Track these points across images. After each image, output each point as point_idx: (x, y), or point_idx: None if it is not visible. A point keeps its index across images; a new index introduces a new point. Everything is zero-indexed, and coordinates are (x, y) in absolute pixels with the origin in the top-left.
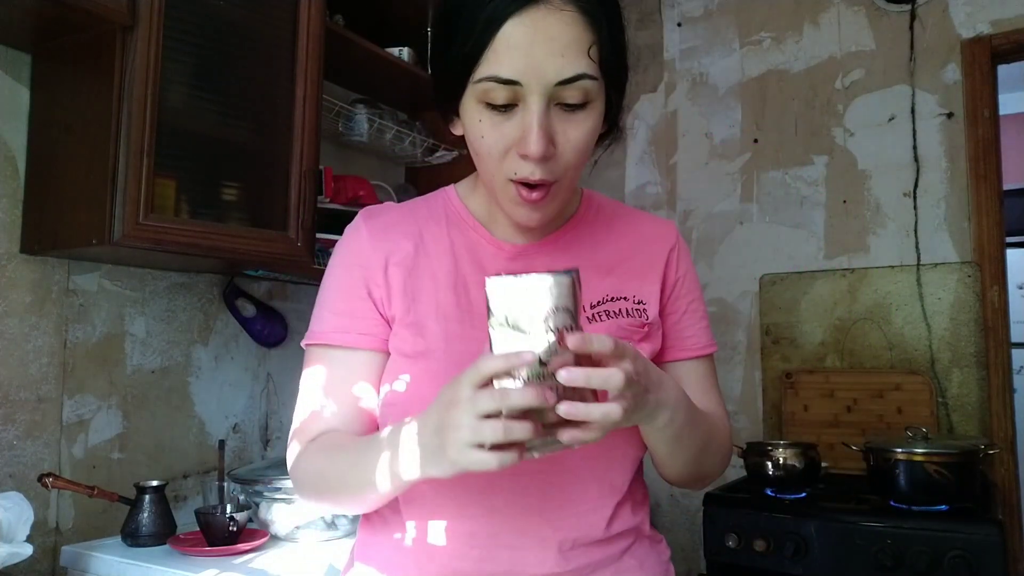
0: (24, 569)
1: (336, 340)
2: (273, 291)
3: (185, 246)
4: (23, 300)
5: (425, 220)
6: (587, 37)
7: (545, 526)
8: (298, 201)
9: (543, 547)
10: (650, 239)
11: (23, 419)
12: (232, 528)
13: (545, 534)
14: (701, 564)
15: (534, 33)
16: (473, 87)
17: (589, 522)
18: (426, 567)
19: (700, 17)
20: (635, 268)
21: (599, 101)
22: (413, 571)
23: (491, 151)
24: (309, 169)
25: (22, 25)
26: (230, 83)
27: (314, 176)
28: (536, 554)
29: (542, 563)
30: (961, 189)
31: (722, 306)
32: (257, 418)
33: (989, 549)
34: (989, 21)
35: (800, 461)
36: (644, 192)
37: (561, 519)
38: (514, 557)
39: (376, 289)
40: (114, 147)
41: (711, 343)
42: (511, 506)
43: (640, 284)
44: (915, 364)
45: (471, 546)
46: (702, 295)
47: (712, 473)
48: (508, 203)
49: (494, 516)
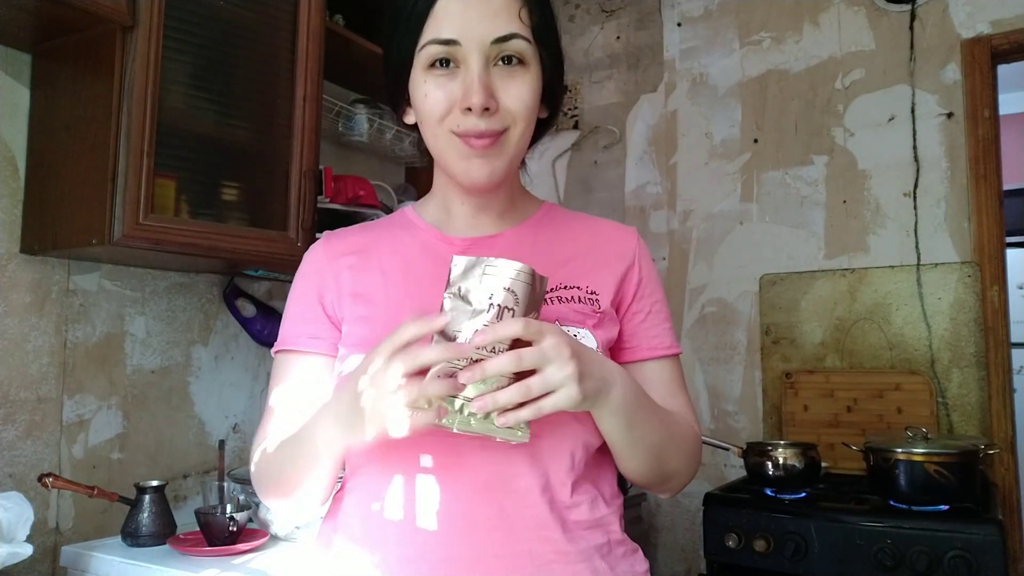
0: (24, 569)
1: (290, 345)
2: (273, 291)
3: (185, 246)
4: (23, 300)
5: (380, 232)
6: (516, 3)
7: (496, 512)
8: (298, 201)
9: (496, 529)
10: (609, 240)
11: (23, 419)
12: (232, 528)
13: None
14: (701, 564)
15: (467, 1)
16: (418, 57)
17: (537, 508)
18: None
19: (700, 17)
20: (590, 263)
21: (535, 65)
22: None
23: (434, 108)
24: (309, 169)
25: (22, 25)
26: (230, 83)
27: (314, 176)
28: (492, 535)
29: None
30: (961, 189)
31: (722, 306)
32: (257, 418)
33: (989, 549)
34: (989, 21)
35: (800, 461)
36: (644, 192)
37: (508, 503)
38: (475, 540)
39: (327, 294)
40: (114, 147)
41: (674, 344)
42: (465, 501)
43: (595, 277)
44: (915, 364)
45: (419, 532)
46: (665, 298)
47: (677, 474)
48: (456, 160)
49: (445, 498)
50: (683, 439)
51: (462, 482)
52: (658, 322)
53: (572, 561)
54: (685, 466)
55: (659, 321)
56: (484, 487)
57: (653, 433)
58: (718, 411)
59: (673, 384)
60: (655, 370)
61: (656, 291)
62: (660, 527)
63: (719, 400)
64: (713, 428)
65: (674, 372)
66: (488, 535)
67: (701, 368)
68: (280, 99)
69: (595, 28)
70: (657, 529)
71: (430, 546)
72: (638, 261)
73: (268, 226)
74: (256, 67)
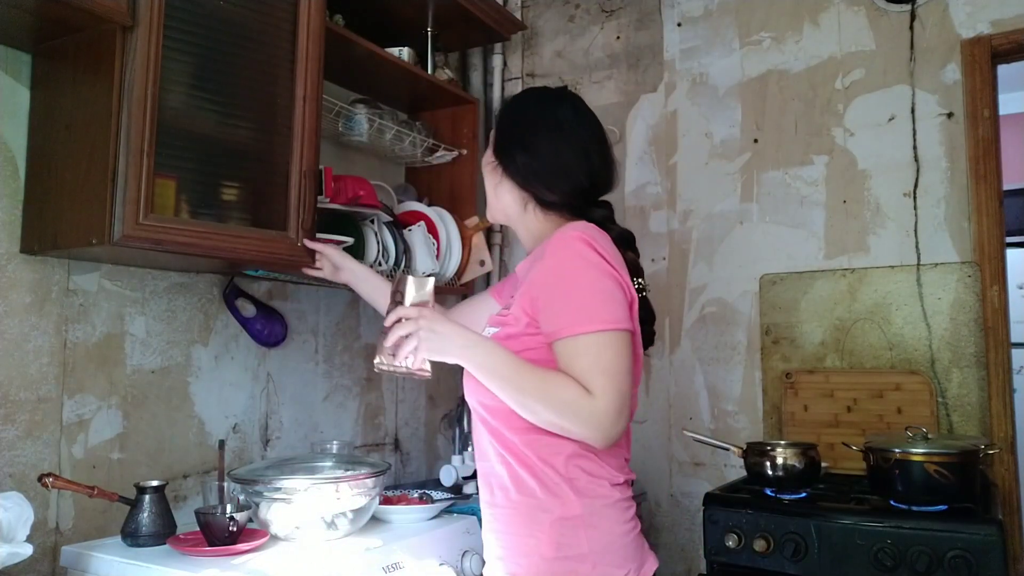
0: (24, 569)
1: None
2: (273, 291)
3: (185, 246)
4: (23, 300)
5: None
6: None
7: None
8: (298, 201)
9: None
10: (545, 249)
11: (23, 419)
12: (232, 528)
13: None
14: (701, 564)
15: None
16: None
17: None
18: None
19: (700, 17)
20: (530, 276)
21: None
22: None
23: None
24: (309, 169)
25: (22, 25)
26: (230, 83)
27: (314, 176)
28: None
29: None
30: (961, 189)
31: (722, 306)
32: (257, 418)
33: (989, 549)
34: (989, 21)
35: (800, 461)
36: (644, 192)
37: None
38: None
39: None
40: (114, 147)
41: (560, 330)
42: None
43: (524, 286)
44: (915, 364)
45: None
46: (566, 283)
47: (549, 421)
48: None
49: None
50: (548, 395)
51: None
52: (549, 312)
53: (490, 484)
54: (556, 416)
55: (550, 311)
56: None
57: (513, 389)
58: (718, 411)
59: (567, 362)
60: (555, 352)
61: (546, 282)
62: (660, 527)
63: (719, 400)
64: (713, 428)
65: (566, 351)
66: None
67: (701, 368)
68: (280, 99)
69: (595, 28)
70: (657, 529)
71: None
72: (540, 259)
73: (268, 226)
74: (256, 67)
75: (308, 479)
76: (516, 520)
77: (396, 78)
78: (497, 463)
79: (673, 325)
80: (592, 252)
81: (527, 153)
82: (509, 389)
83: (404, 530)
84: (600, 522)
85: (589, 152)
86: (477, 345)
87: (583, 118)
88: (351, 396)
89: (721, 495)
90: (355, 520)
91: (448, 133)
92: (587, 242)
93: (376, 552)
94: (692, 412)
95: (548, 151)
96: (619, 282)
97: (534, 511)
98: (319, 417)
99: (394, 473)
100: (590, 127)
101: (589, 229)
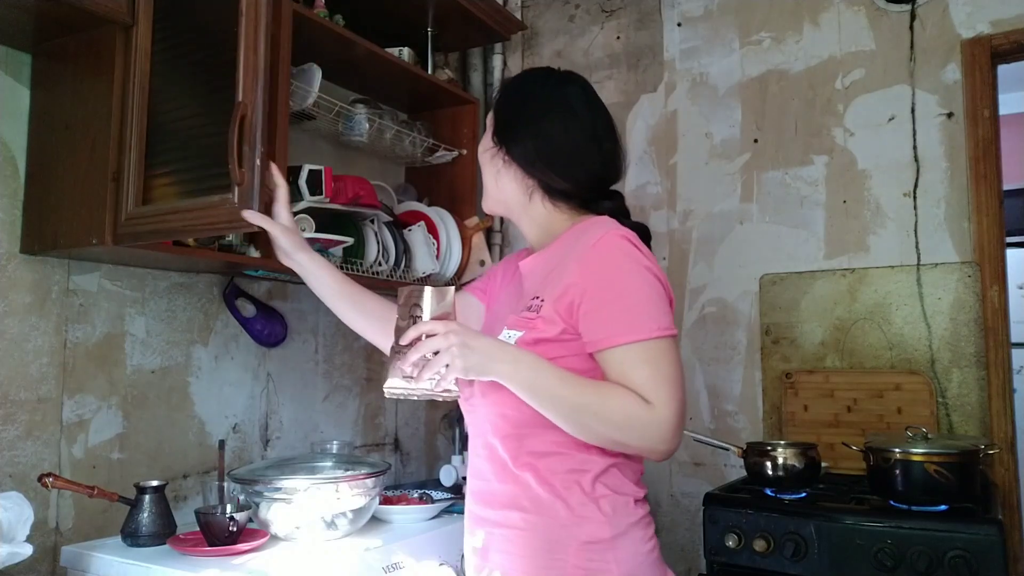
0: (24, 569)
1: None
2: (273, 291)
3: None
4: (23, 300)
5: None
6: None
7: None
8: (236, 147)
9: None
10: (576, 242)
11: (23, 419)
12: (232, 528)
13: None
14: (701, 564)
15: None
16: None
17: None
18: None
19: (700, 17)
20: (555, 272)
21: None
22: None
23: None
24: (249, 102)
25: (22, 25)
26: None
27: (261, 118)
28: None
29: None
30: (961, 189)
31: (722, 306)
32: (257, 418)
33: (989, 549)
34: (989, 21)
35: (800, 461)
36: (644, 192)
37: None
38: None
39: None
40: (114, 147)
41: (611, 336)
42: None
43: (549, 283)
44: (915, 364)
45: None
46: (616, 288)
47: (608, 437)
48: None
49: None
50: (607, 409)
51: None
52: (596, 319)
53: (498, 502)
54: (615, 432)
55: (598, 317)
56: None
57: (565, 406)
58: (718, 411)
59: (620, 372)
60: (603, 361)
61: (597, 286)
62: (660, 527)
63: (719, 400)
64: (713, 428)
65: (620, 360)
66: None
67: (701, 368)
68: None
69: (595, 28)
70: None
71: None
72: (579, 260)
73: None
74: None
75: (308, 479)
76: (536, 543)
77: (396, 78)
78: (509, 482)
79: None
80: (640, 254)
81: (535, 136)
82: (562, 407)
83: (404, 530)
84: (627, 544)
85: (601, 138)
86: (521, 361)
87: (593, 101)
88: (351, 396)
89: (721, 495)
90: (355, 520)
91: (448, 133)
92: (633, 243)
93: (376, 552)
94: (692, 412)
95: (559, 133)
96: (664, 284)
97: (558, 533)
98: (319, 417)
99: (394, 473)
100: (600, 111)
101: (623, 228)
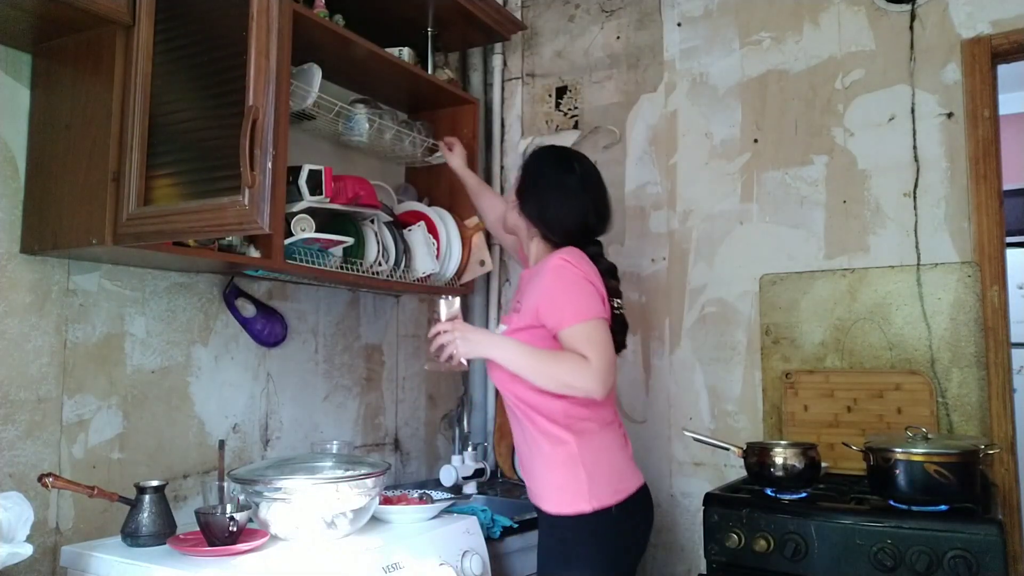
0: (24, 569)
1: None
2: (273, 291)
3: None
4: (23, 300)
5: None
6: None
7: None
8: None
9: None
10: (543, 268)
11: (23, 419)
12: (232, 528)
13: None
14: (701, 564)
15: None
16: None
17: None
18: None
19: (700, 17)
20: (532, 285)
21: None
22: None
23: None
24: (259, 105)
25: (22, 25)
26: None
27: (271, 120)
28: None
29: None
30: (961, 189)
31: (722, 306)
32: (257, 418)
33: (989, 549)
34: (989, 21)
35: (800, 461)
36: (644, 192)
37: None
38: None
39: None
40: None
41: (561, 323)
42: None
43: (528, 293)
44: (915, 364)
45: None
46: (555, 290)
47: (561, 382)
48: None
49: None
50: (561, 365)
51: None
52: (552, 311)
53: (527, 438)
54: (567, 376)
55: (552, 310)
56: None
57: (531, 369)
58: (718, 411)
59: (571, 342)
60: (560, 337)
61: (545, 292)
62: (660, 527)
63: (719, 400)
64: (713, 428)
65: (570, 334)
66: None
67: (701, 368)
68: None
69: (595, 28)
70: (657, 529)
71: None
72: (540, 278)
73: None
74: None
75: (308, 479)
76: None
77: (396, 78)
78: (532, 429)
79: (673, 325)
80: (574, 268)
81: (538, 205)
82: (528, 369)
83: (404, 530)
84: (585, 442)
85: (587, 212)
86: (501, 343)
87: (588, 181)
88: (351, 396)
89: (721, 495)
90: (355, 520)
91: (448, 133)
92: (568, 262)
93: (376, 552)
94: (692, 412)
95: (555, 208)
96: (593, 284)
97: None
98: (319, 417)
99: (394, 473)
100: (592, 190)
101: (572, 254)
